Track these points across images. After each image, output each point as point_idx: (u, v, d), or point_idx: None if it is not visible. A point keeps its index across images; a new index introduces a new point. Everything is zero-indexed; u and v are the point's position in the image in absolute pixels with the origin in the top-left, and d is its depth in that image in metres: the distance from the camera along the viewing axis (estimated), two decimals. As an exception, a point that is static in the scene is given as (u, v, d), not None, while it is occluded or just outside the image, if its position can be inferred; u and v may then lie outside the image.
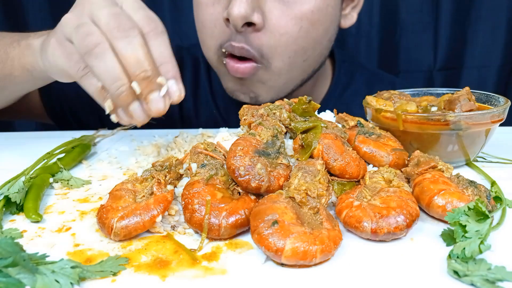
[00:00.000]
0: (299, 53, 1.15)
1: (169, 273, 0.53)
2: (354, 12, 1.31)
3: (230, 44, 1.10)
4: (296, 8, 1.08)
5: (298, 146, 0.73)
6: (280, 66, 1.14)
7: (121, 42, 0.70)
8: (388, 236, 0.59)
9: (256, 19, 1.05)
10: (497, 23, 1.95)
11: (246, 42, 1.09)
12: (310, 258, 0.53)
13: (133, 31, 0.70)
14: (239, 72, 1.13)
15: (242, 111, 0.81)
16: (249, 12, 1.03)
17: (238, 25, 1.04)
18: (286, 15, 1.08)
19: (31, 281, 0.49)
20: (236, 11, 1.01)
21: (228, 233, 0.60)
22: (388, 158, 0.76)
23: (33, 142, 1.14)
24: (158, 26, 0.75)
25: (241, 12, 1.01)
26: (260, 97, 1.21)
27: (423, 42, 2.01)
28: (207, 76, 1.48)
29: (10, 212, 0.71)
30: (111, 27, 0.70)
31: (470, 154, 0.86)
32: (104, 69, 0.69)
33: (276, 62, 1.13)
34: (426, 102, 0.93)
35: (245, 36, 1.09)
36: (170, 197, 0.66)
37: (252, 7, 1.03)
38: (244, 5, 1.01)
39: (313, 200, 0.61)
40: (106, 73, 0.69)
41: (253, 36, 1.09)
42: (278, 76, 1.17)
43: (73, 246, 0.60)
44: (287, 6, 1.08)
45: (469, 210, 0.58)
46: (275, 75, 1.16)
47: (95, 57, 0.69)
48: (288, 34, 1.10)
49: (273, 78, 1.17)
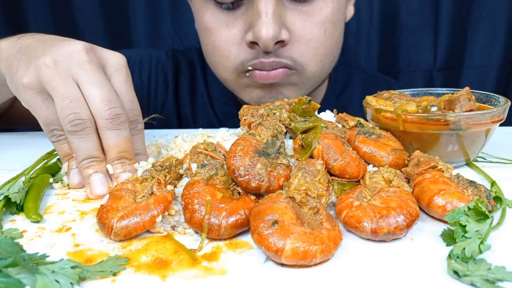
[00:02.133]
0: (328, 55, 1.17)
1: (169, 273, 0.53)
2: (350, 4, 1.33)
3: (260, 62, 1.10)
4: (316, 14, 1.09)
5: (298, 146, 0.73)
6: (313, 70, 1.16)
7: (110, 133, 0.76)
8: (388, 236, 0.59)
9: (284, 36, 1.05)
10: (497, 23, 1.95)
11: (276, 56, 1.09)
12: (310, 258, 0.53)
13: (124, 125, 0.77)
14: (270, 78, 1.12)
15: (242, 111, 0.81)
16: (277, 32, 1.02)
17: (270, 47, 1.04)
18: (309, 22, 1.09)
19: (31, 281, 0.49)
20: (265, 34, 1.01)
21: (228, 233, 0.60)
22: (388, 158, 0.76)
23: (33, 142, 1.14)
24: (139, 123, 0.84)
25: (270, 34, 1.01)
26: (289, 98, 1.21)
27: (423, 42, 2.01)
28: (203, 80, 1.47)
29: (10, 212, 0.71)
30: (105, 116, 0.75)
31: (470, 154, 0.86)
32: (83, 148, 0.76)
33: (310, 67, 1.15)
34: (426, 102, 0.93)
35: (274, 52, 1.09)
36: (170, 197, 0.66)
37: (279, 26, 1.03)
38: (272, 26, 1.01)
39: (313, 200, 0.61)
40: (83, 151, 0.76)
41: (282, 50, 1.09)
42: (311, 79, 1.19)
43: (73, 246, 0.60)
44: (307, 15, 1.08)
45: (469, 210, 0.58)
46: (308, 79, 1.18)
47: (78, 137, 0.75)
48: (315, 39, 1.11)
49: (305, 81, 1.19)
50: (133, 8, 2.01)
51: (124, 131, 0.77)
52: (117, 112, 0.76)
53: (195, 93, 1.48)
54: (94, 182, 0.76)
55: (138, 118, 0.83)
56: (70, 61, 0.77)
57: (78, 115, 0.74)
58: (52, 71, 0.75)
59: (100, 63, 0.80)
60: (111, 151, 0.77)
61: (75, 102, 0.74)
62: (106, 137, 0.76)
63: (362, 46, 2.05)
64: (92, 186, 0.76)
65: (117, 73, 0.81)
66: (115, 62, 0.82)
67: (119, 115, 0.76)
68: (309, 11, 1.08)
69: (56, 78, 0.75)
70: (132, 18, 2.02)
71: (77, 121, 0.74)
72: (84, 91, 0.75)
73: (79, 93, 0.75)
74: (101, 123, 0.75)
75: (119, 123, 0.76)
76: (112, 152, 0.77)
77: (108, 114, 0.75)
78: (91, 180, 0.76)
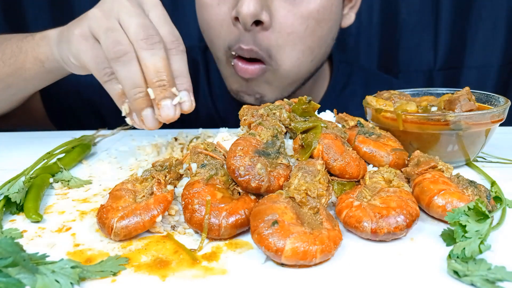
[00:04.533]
0: (306, 53, 1.16)
1: (169, 273, 0.53)
2: (352, 12, 1.32)
3: (239, 47, 1.12)
4: (302, 7, 1.10)
5: (298, 146, 0.73)
6: (288, 68, 1.16)
7: (146, 53, 0.77)
8: (388, 236, 0.59)
9: (265, 17, 1.06)
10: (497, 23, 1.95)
11: (255, 43, 1.11)
12: (310, 258, 0.53)
13: (158, 45, 0.78)
14: (248, 73, 1.15)
15: (242, 111, 0.81)
16: (258, 10, 1.04)
17: (248, 23, 1.05)
18: (292, 14, 1.09)
19: (31, 281, 0.49)
20: (246, 9, 1.03)
21: (228, 233, 0.60)
22: (388, 158, 0.76)
23: (33, 142, 1.14)
24: (180, 44, 0.83)
25: (251, 10, 1.03)
26: (265, 97, 1.22)
27: (423, 42, 2.01)
28: (206, 78, 1.48)
29: (10, 212, 0.71)
30: (140, 37, 0.77)
31: (470, 154, 0.86)
32: (127, 75, 0.77)
33: (285, 64, 1.15)
34: (426, 102, 0.93)
35: (253, 36, 1.10)
36: (170, 197, 0.66)
37: (261, 5, 1.05)
38: (253, 3, 1.03)
39: (313, 200, 0.61)
40: (128, 79, 0.78)
41: (261, 35, 1.10)
42: (285, 78, 1.19)
43: (73, 246, 0.60)
44: (293, 5, 1.09)
45: (469, 210, 0.58)
46: (282, 77, 1.18)
47: (122, 64, 0.77)
48: (295, 34, 1.11)
49: (280, 79, 1.19)
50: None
51: (159, 50, 0.78)
52: (151, 33, 0.78)
53: (197, 90, 1.49)
54: (146, 118, 0.80)
55: (178, 39, 0.84)
56: (113, 5, 0.81)
57: (118, 42, 0.77)
58: (98, 16, 0.81)
59: (138, 2, 0.84)
60: (149, 72, 0.78)
61: (116, 32, 0.78)
62: (143, 58, 0.77)
63: (362, 46, 2.05)
64: (145, 121, 0.80)
65: (154, 8, 0.85)
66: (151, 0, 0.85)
67: (153, 36, 0.78)
68: (296, 1, 1.09)
69: (101, 20, 0.80)
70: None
71: (118, 47, 0.77)
72: (123, 23, 0.79)
73: (119, 26, 0.79)
74: (137, 45, 0.77)
75: (153, 42, 0.77)
76: (150, 73, 0.78)
77: (142, 35, 0.77)
78: (144, 116, 0.80)
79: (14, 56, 1.02)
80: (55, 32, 0.95)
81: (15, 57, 1.02)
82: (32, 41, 1.00)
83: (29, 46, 1.00)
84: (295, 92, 1.26)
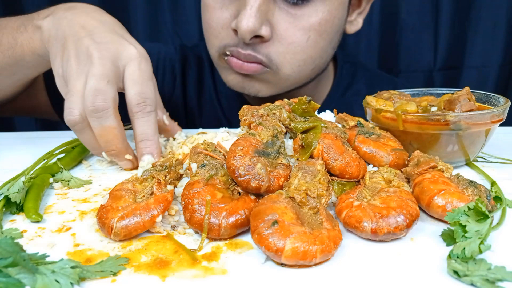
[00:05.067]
0: (308, 62, 1.16)
1: (169, 273, 0.53)
2: (360, 18, 1.31)
3: (236, 50, 1.10)
4: (303, 20, 1.08)
5: (298, 146, 0.73)
6: (289, 73, 1.15)
7: (93, 122, 0.81)
8: (388, 236, 0.59)
9: (264, 32, 1.05)
10: (497, 23, 1.95)
11: (253, 50, 1.09)
12: (310, 258, 0.53)
13: (105, 113, 0.80)
14: (243, 69, 1.13)
15: (242, 112, 0.81)
16: (257, 26, 1.03)
17: (246, 38, 1.04)
18: (293, 26, 1.08)
19: (31, 281, 0.49)
20: (245, 25, 1.01)
21: (228, 233, 0.60)
22: (388, 158, 0.76)
23: (33, 142, 1.14)
24: (146, 106, 0.85)
25: (249, 27, 1.01)
26: (260, 92, 1.21)
27: (423, 42, 2.01)
28: (211, 75, 1.48)
29: (10, 212, 0.71)
30: (88, 105, 0.79)
31: (470, 154, 0.86)
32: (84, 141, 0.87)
33: (286, 69, 1.14)
34: (426, 102, 0.93)
35: (252, 46, 1.09)
36: (170, 197, 0.66)
37: (261, 21, 1.03)
38: (252, 19, 1.01)
39: (313, 200, 0.61)
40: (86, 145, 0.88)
41: (261, 45, 1.09)
42: (285, 81, 1.18)
43: (73, 246, 0.60)
44: (295, 18, 1.08)
45: (469, 210, 0.58)
46: (282, 79, 1.17)
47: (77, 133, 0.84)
48: (296, 44, 1.10)
49: (280, 81, 1.18)
50: (133, 8, 2.01)
51: (106, 120, 0.81)
52: (98, 100, 0.79)
53: (202, 87, 1.49)
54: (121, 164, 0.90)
55: (146, 100, 0.85)
56: (86, 60, 0.84)
57: (70, 112, 0.81)
58: (73, 68, 0.84)
59: (115, 56, 0.86)
60: (99, 140, 0.83)
61: (72, 97, 0.81)
62: (92, 126, 0.82)
63: (363, 46, 2.05)
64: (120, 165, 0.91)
65: (130, 63, 0.86)
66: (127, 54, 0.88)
67: (100, 104, 0.80)
68: (297, 15, 1.08)
69: (71, 74, 0.83)
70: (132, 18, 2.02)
71: (68, 117, 0.81)
72: (86, 84, 0.81)
73: (80, 88, 0.82)
74: (87, 112, 0.81)
75: (100, 111, 0.80)
76: (100, 142, 0.83)
77: (90, 101, 0.79)
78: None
79: (11, 48, 1.01)
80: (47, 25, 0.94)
81: (12, 49, 1.01)
82: (26, 32, 0.99)
83: (23, 38, 1.00)
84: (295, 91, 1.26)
